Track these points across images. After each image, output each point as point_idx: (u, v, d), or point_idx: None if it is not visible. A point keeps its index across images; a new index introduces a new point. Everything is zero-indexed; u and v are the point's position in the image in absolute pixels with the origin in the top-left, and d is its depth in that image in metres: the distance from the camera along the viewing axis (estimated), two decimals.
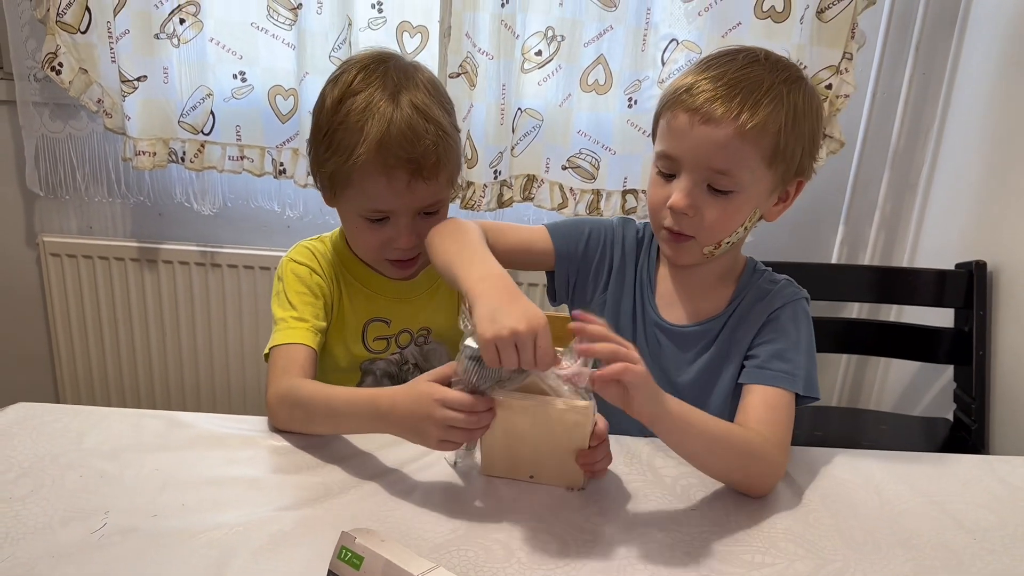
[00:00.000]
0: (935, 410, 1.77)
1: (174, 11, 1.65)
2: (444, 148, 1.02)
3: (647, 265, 1.10)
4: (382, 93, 1.00)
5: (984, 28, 1.69)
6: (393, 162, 0.99)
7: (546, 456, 0.89)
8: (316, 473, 0.92)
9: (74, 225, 1.94)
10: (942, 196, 1.81)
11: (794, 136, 0.95)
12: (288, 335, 1.05)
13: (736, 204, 0.97)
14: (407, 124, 0.99)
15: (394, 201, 1.02)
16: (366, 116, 0.99)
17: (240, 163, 1.78)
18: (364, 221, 1.05)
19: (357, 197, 1.03)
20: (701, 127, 0.94)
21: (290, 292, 1.09)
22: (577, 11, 1.67)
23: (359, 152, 0.99)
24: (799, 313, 1.04)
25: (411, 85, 1.02)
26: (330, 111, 1.03)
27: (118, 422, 1.00)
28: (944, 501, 0.95)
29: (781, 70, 0.97)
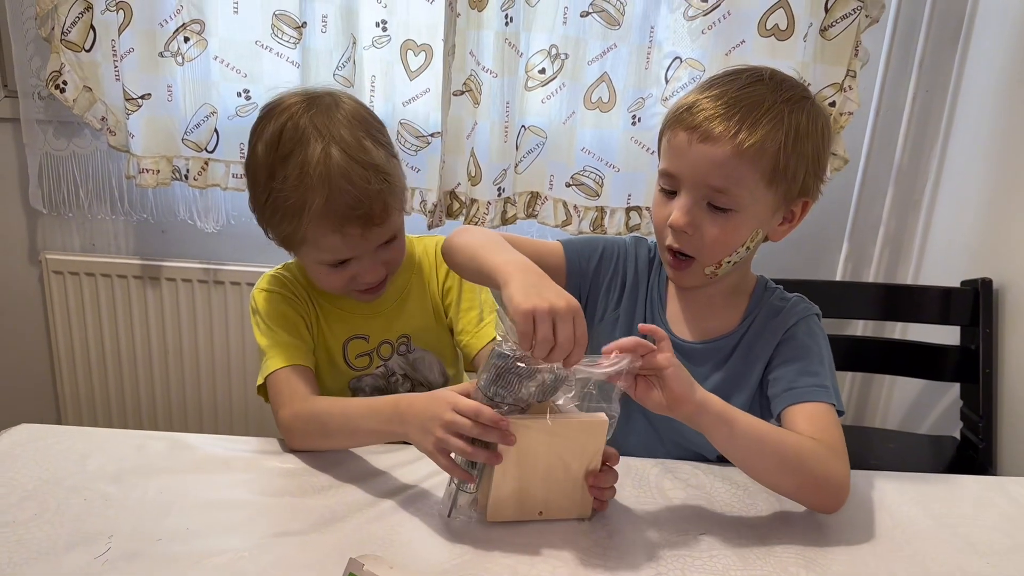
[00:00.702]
0: (941, 428, 1.76)
1: (178, 29, 1.66)
2: (389, 190, 1.02)
3: (658, 283, 1.11)
4: (314, 149, 0.98)
5: (987, 45, 1.69)
6: (343, 221, 0.99)
7: (558, 482, 0.87)
8: (322, 496, 0.91)
9: (77, 242, 1.94)
10: (946, 213, 1.81)
11: (795, 156, 0.95)
12: (280, 360, 1.05)
13: (735, 223, 0.97)
14: (346, 180, 0.97)
15: (352, 250, 1.03)
16: (303, 181, 0.98)
17: (243, 181, 1.76)
18: (325, 267, 1.06)
19: (313, 252, 1.04)
20: (699, 145, 0.94)
21: (269, 319, 1.09)
22: (581, 29, 1.67)
23: (306, 221, 0.99)
24: (814, 328, 1.05)
25: (336, 126, 1.00)
26: (265, 176, 1.01)
27: (121, 444, 1.00)
28: (956, 523, 0.95)
29: (785, 90, 0.97)
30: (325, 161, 0.98)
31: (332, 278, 1.06)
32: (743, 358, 1.05)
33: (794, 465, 0.89)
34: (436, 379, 1.19)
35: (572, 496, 0.88)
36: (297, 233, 1.01)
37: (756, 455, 0.90)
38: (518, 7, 1.64)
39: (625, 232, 1.81)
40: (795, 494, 0.93)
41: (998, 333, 1.59)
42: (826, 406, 0.96)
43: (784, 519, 0.93)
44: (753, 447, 0.89)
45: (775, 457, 0.89)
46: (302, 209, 0.98)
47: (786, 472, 0.90)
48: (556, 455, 0.85)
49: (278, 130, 1.01)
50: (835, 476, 0.91)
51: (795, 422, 0.96)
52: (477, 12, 1.63)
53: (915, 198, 1.88)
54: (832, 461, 0.91)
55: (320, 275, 1.08)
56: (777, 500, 0.96)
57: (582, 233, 1.80)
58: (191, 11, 1.65)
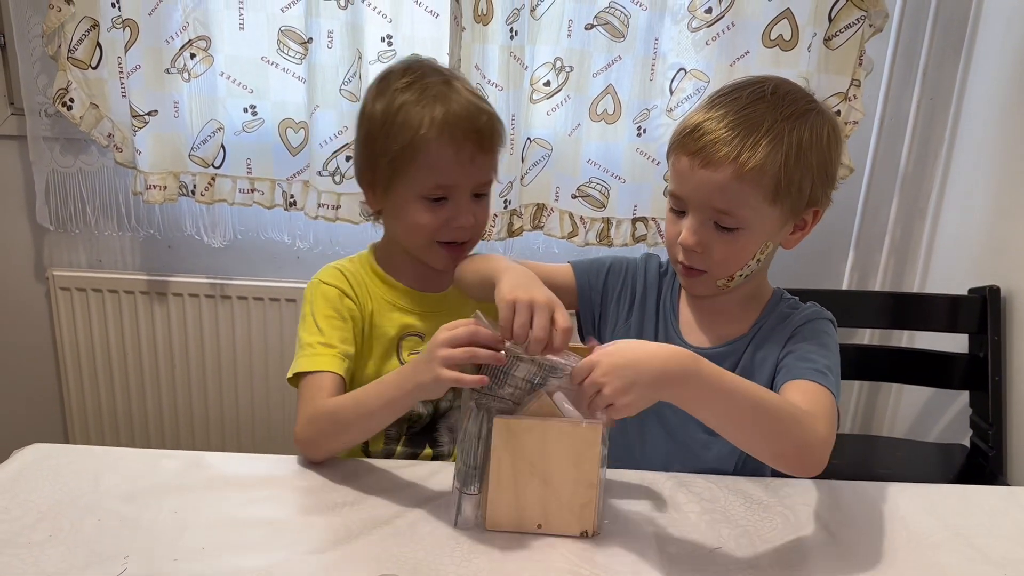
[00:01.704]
0: (950, 436, 1.75)
1: (185, 46, 1.66)
2: (499, 124, 1.09)
3: (670, 295, 1.12)
4: (436, 80, 1.07)
5: (991, 52, 1.70)
6: (460, 135, 1.03)
7: (555, 491, 0.87)
8: (337, 514, 0.91)
9: (83, 259, 1.94)
10: (952, 221, 1.81)
11: (798, 171, 0.95)
12: (315, 362, 1.04)
13: (743, 241, 0.99)
14: (467, 101, 1.06)
15: (459, 173, 1.05)
16: (426, 97, 1.04)
17: (250, 196, 1.78)
18: (423, 203, 1.06)
19: (420, 175, 1.05)
20: (701, 171, 0.96)
21: (318, 316, 1.08)
22: (585, 42, 1.68)
23: (425, 127, 1.03)
24: (821, 327, 1.06)
25: (457, 75, 1.10)
26: (384, 107, 1.06)
27: (134, 462, 1.00)
28: (971, 535, 0.94)
29: (786, 105, 0.97)
30: (446, 84, 1.06)
31: (426, 217, 1.07)
32: (752, 359, 1.06)
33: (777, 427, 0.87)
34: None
35: (571, 507, 0.87)
36: (411, 146, 1.03)
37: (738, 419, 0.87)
38: (523, 20, 1.64)
39: (632, 243, 1.81)
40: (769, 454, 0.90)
41: (1006, 340, 1.59)
42: (821, 387, 0.96)
43: (800, 534, 0.92)
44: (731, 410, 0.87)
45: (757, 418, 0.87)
46: (423, 118, 1.03)
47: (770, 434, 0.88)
48: (551, 459, 0.86)
49: (401, 74, 1.07)
50: (813, 432, 0.89)
51: (787, 393, 0.96)
52: (482, 26, 1.63)
53: (920, 206, 1.89)
54: (812, 419, 0.90)
55: (416, 214, 1.07)
56: (793, 515, 0.96)
57: (588, 245, 1.81)
58: (197, 28, 1.66)
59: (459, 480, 0.89)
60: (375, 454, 1.13)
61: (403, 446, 1.13)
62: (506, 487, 0.87)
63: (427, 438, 1.14)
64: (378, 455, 1.12)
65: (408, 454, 1.13)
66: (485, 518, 0.88)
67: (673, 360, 0.84)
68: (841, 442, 1.81)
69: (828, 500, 1.00)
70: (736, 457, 1.08)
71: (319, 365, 1.04)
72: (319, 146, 1.69)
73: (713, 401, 0.86)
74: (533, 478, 0.87)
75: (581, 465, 0.86)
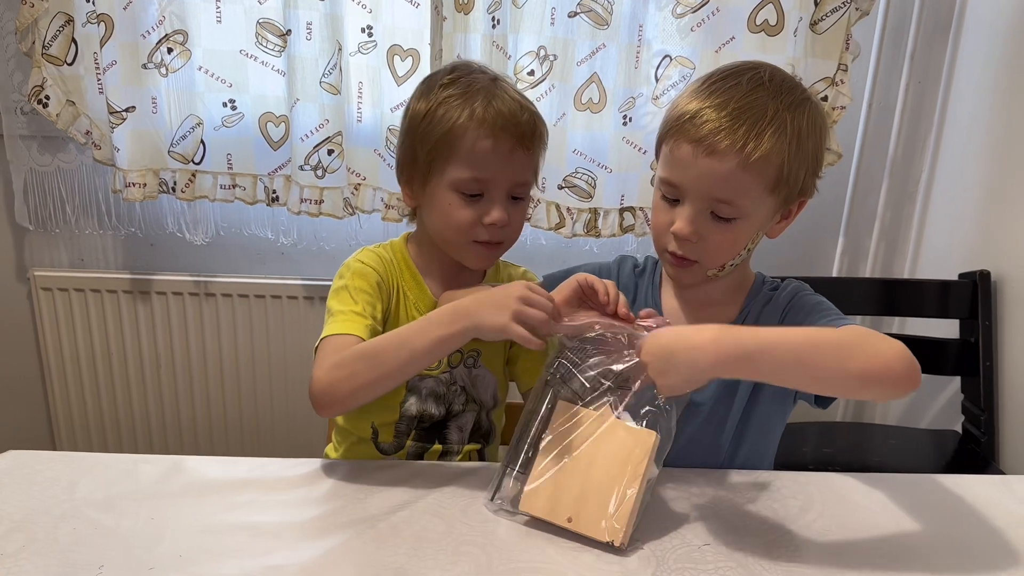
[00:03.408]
0: (943, 422, 1.74)
1: (161, 40, 1.63)
2: (542, 125, 1.08)
3: (650, 292, 1.11)
4: (481, 79, 1.06)
5: (979, 35, 1.68)
6: (500, 128, 1.02)
7: (594, 487, 0.86)
8: (320, 521, 0.89)
9: (65, 258, 1.92)
10: (942, 205, 1.79)
11: (797, 161, 0.95)
12: (344, 325, 1.02)
13: (739, 230, 0.97)
14: (510, 98, 1.05)
15: (497, 167, 1.04)
16: (470, 92, 1.04)
17: (232, 191, 1.75)
18: (459, 197, 1.05)
19: (458, 167, 1.04)
20: (705, 159, 0.93)
21: (353, 289, 1.07)
22: (569, 30, 1.65)
23: (465, 118, 1.02)
24: (809, 295, 1.06)
25: (503, 78, 1.09)
26: (426, 104, 1.06)
27: (112, 468, 0.98)
28: (964, 526, 0.93)
29: (785, 93, 0.95)
30: (492, 81, 1.06)
31: (461, 213, 1.05)
32: None
33: (843, 352, 0.84)
34: (488, 400, 1.17)
35: (604, 509, 0.85)
36: (451, 135, 1.03)
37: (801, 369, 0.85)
38: (505, 9, 1.62)
39: (619, 234, 1.80)
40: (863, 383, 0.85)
41: (997, 325, 1.58)
42: (852, 326, 0.92)
43: (789, 528, 0.91)
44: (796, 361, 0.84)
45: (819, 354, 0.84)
46: (464, 109, 1.03)
47: (841, 360, 0.84)
48: (598, 455, 0.87)
49: (447, 73, 1.08)
50: (893, 351, 0.83)
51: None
52: (463, 15, 1.61)
53: (910, 191, 1.87)
54: (879, 340, 0.85)
55: (451, 209, 1.06)
56: (783, 507, 0.94)
57: (576, 236, 1.79)
58: (173, 22, 1.63)
59: (509, 456, 0.92)
60: (385, 446, 1.11)
61: (413, 440, 1.12)
62: (550, 472, 0.88)
63: (437, 434, 1.13)
64: (388, 448, 1.12)
65: (418, 448, 1.12)
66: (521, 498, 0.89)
67: (709, 348, 0.84)
68: (834, 431, 1.83)
69: (817, 493, 0.98)
70: (724, 451, 1.06)
71: (347, 328, 1.01)
72: (300, 140, 1.67)
73: (763, 364, 0.84)
74: (577, 469, 0.87)
75: (626, 469, 0.86)
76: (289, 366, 1.93)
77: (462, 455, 1.15)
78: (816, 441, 1.66)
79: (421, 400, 1.12)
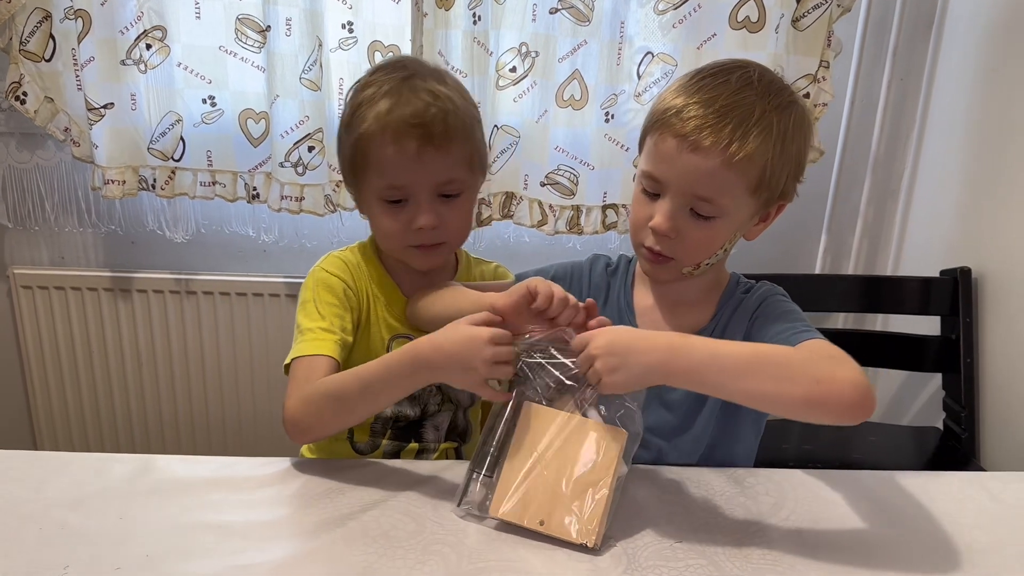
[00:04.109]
0: (925, 419, 1.75)
1: (140, 36, 1.62)
2: (455, 119, 1.01)
3: (623, 290, 1.10)
4: (397, 76, 1.02)
5: (961, 32, 1.68)
6: (401, 128, 0.98)
7: (565, 489, 0.85)
8: (287, 517, 0.89)
9: (45, 256, 1.90)
10: (925, 202, 1.80)
11: (781, 163, 0.94)
12: (314, 346, 1.01)
13: (717, 229, 0.97)
14: (416, 97, 1.00)
15: (406, 171, 1.01)
16: (379, 94, 1.01)
17: (212, 189, 1.74)
18: (384, 205, 1.04)
19: (373, 176, 1.02)
20: (689, 155, 0.93)
21: (320, 302, 1.05)
22: (550, 26, 1.64)
23: (371, 123, 1.00)
24: (780, 300, 1.05)
25: (426, 74, 1.04)
26: (350, 102, 1.05)
27: (81, 468, 0.97)
28: (938, 522, 0.93)
29: (773, 94, 0.95)
30: (404, 80, 1.02)
31: (389, 221, 1.04)
32: None
33: (789, 373, 0.84)
34: (464, 399, 1.16)
35: (577, 511, 0.85)
36: (359, 145, 1.01)
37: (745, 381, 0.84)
38: (486, 5, 1.61)
39: (602, 231, 1.79)
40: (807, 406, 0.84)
41: (978, 322, 1.58)
42: (816, 340, 0.93)
43: (761, 525, 0.91)
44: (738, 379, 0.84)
45: (764, 373, 0.84)
46: (369, 117, 1.00)
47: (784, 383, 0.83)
48: (568, 455, 0.86)
49: (377, 70, 1.06)
50: (844, 375, 0.83)
51: None
52: (444, 11, 1.60)
53: (893, 187, 1.87)
54: (832, 362, 0.85)
55: (379, 217, 1.05)
56: (755, 505, 0.94)
57: (559, 233, 1.78)
58: (152, 17, 1.61)
59: (475, 461, 0.90)
60: (360, 445, 1.11)
61: (388, 439, 1.12)
62: (519, 475, 0.87)
63: (413, 433, 1.13)
64: (364, 447, 1.11)
65: (394, 447, 1.12)
66: (490, 503, 0.87)
67: (663, 351, 0.85)
68: (816, 428, 1.80)
69: (791, 489, 0.98)
70: (700, 452, 1.06)
71: (317, 349, 1.01)
72: (280, 136, 1.66)
73: (706, 374, 0.85)
74: (547, 470, 0.86)
75: (597, 468, 0.85)
76: (271, 364, 1.92)
77: (438, 453, 1.14)
78: (798, 438, 1.66)
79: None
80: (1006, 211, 1.50)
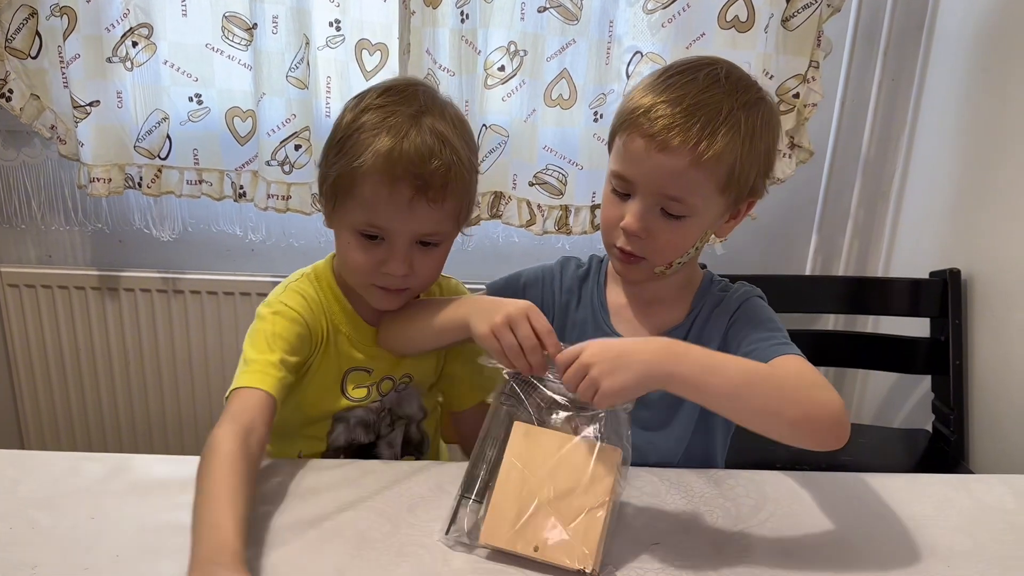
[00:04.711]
0: (914, 421, 1.74)
1: (126, 34, 1.61)
2: (456, 176, 0.96)
3: (596, 291, 1.09)
4: (405, 110, 0.96)
5: (952, 34, 1.67)
6: (399, 173, 0.93)
7: (561, 512, 0.81)
8: (261, 518, 0.87)
9: (32, 255, 1.89)
10: (915, 203, 1.79)
11: (749, 161, 0.94)
12: (255, 378, 0.96)
13: (688, 227, 0.96)
14: (421, 141, 0.94)
15: (392, 217, 0.96)
16: (383, 127, 0.95)
17: (199, 187, 1.73)
18: (358, 237, 0.99)
19: (356, 208, 0.97)
20: (657, 155, 0.92)
21: (270, 335, 1.00)
22: (539, 25, 1.64)
23: (366, 157, 0.94)
24: (758, 304, 1.05)
25: (436, 112, 0.98)
26: (348, 121, 0.98)
27: (55, 467, 0.96)
28: (919, 525, 0.92)
29: (741, 92, 0.94)
30: (413, 122, 0.96)
31: (359, 255, 0.99)
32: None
33: (768, 385, 0.86)
34: (415, 412, 1.14)
35: (574, 533, 0.80)
36: (349, 173, 0.96)
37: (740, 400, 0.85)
38: (474, 3, 1.60)
39: (591, 231, 1.78)
40: (790, 431, 0.86)
41: (967, 324, 1.58)
42: (796, 357, 0.93)
43: (741, 528, 0.90)
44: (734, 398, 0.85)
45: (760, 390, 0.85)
46: (368, 147, 0.94)
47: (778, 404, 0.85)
48: (562, 476, 0.82)
49: (381, 92, 1.00)
50: (829, 402, 0.86)
51: None
52: (432, 9, 1.59)
53: (883, 188, 1.87)
54: (818, 391, 0.87)
55: (350, 249, 1.00)
56: (734, 507, 0.93)
57: (547, 233, 1.77)
58: (138, 15, 1.61)
59: (463, 485, 0.86)
60: None
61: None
62: (511, 498, 0.82)
63: (367, 455, 1.10)
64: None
65: None
66: (481, 530, 0.82)
67: (661, 352, 0.84)
68: None
69: (772, 492, 0.97)
70: (679, 454, 1.05)
71: (260, 383, 0.96)
72: (267, 135, 1.65)
73: (704, 386, 0.84)
74: (540, 493, 0.82)
75: (593, 488, 0.82)
76: None
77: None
78: None
79: (349, 429, 1.09)
80: (996, 213, 1.50)
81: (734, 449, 1.61)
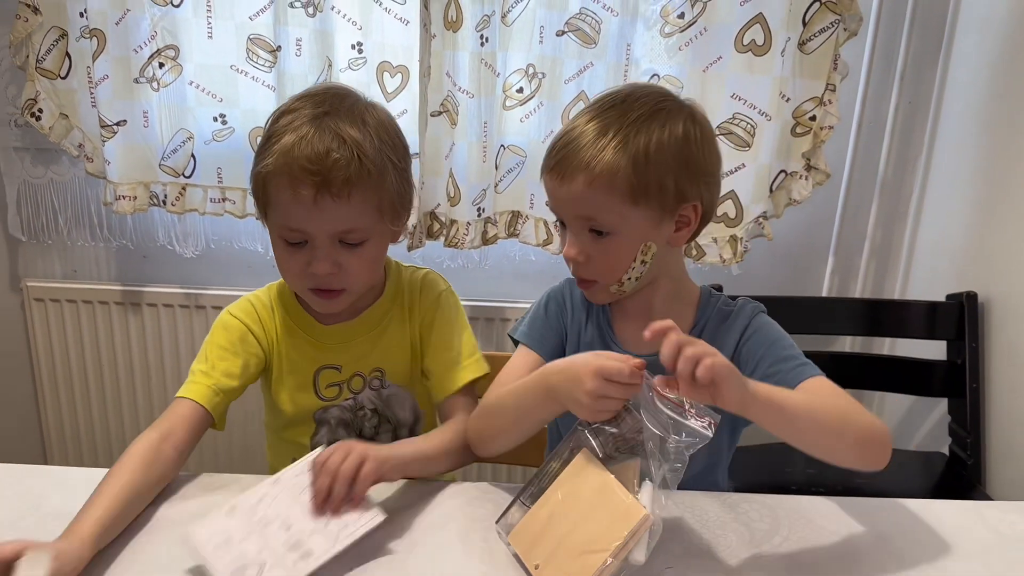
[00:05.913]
0: (931, 444, 1.73)
1: (153, 55, 1.65)
2: (357, 170, 0.96)
3: (602, 309, 1.11)
4: (310, 112, 0.98)
5: (970, 55, 1.68)
6: (298, 173, 0.95)
7: (573, 541, 0.83)
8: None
9: (58, 269, 1.93)
10: (932, 226, 1.79)
11: (653, 170, 0.95)
12: (186, 388, 1.05)
13: (617, 243, 0.99)
14: (319, 139, 0.95)
15: (303, 217, 0.97)
16: (288, 129, 0.97)
17: (222, 205, 1.76)
18: (283, 244, 1.02)
19: (274, 215, 1.01)
20: (560, 186, 0.99)
21: (211, 345, 1.08)
22: (557, 48, 1.66)
23: (269, 159, 0.96)
24: (766, 321, 1.06)
25: (344, 114, 0.99)
26: (267, 127, 1.01)
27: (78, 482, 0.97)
28: (934, 552, 0.92)
29: (636, 109, 0.97)
30: (314, 123, 0.97)
31: (288, 260, 1.02)
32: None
33: (840, 426, 0.90)
34: (407, 416, 1.16)
35: (572, 567, 0.81)
36: (259, 179, 0.99)
37: (811, 429, 0.89)
38: (493, 27, 1.63)
39: None
40: (848, 453, 0.92)
41: (984, 347, 1.57)
42: (820, 378, 0.97)
43: (755, 552, 0.90)
44: (807, 422, 0.88)
45: (827, 424, 0.89)
46: (269, 150, 0.97)
47: (837, 434, 0.90)
48: (587, 515, 0.84)
49: (297, 99, 1.02)
50: (877, 425, 0.93)
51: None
52: (452, 33, 1.62)
53: (901, 211, 1.87)
54: (865, 413, 0.93)
55: (280, 256, 1.03)
56: (748, 531, 0.94)
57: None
58: (165, 37, 1.65)
59: (525, 487, 0.92)
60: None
61: None
62: (543, 514, 0.87)
63: None
64: None
65: None
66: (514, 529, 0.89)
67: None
68: None
69: (785, 516, 0.98)
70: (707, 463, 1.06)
71: (187, 392, 1.04)
72: None
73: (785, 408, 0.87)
74: (564, 521, 0.85)
75: (607, 535, 0.81)
76: None
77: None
78: (802, 462, 1.65)
79: (331, 430, 1.13)
80: (1013, 237, 1.50)
81: (749, 470, 1.62)
